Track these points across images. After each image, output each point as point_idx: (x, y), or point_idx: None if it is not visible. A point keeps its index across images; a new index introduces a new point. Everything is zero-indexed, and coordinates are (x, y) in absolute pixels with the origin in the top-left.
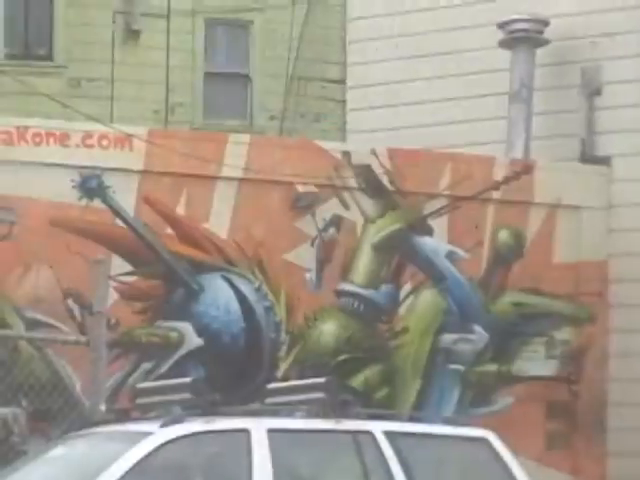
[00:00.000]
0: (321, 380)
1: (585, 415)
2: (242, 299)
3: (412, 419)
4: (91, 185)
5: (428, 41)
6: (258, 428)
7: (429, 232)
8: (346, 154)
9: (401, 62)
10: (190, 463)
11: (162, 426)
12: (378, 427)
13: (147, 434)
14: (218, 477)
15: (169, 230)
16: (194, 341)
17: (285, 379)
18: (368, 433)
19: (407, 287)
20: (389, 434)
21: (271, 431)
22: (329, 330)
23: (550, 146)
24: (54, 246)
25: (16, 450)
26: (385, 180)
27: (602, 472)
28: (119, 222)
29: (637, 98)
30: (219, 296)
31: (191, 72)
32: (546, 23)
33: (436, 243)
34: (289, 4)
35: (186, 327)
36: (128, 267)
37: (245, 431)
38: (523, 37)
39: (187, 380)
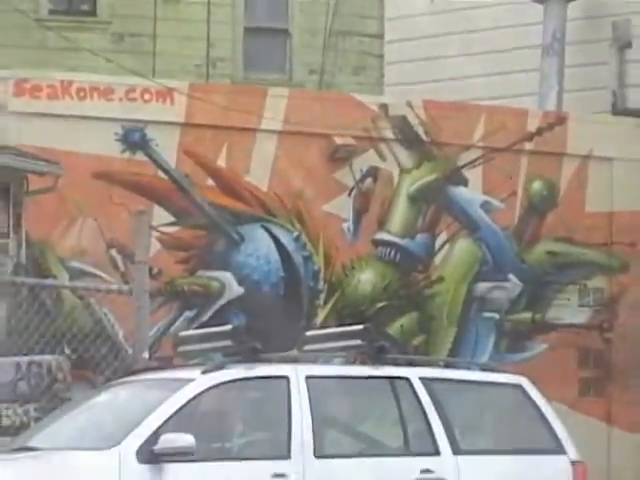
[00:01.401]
0: (359, 327)
1: (618, 362)
2: (281, 249)
3: (448, 365)
4: (134, 138)
5: None
6: (297, 375)
7: (464, 182)
8: (383, 106)
9: (437, 17)
10: (231, 409)
11: (204, 373)
12: (415, 373)
13: (189, 381)
14: (258, 423)
15: (210, 182)
16: (235, 290)
17: (323, 327)
18: (405, 379)
19: (442, 237)
20: (425, 380)
21: (309, 377)
22: (366, 279)
23: (582, 98)
24: (98, 198)
25: (60, 397)
26: (421, 131)
27: (636, 418)
28: (161, 174)
29: None
30: (259, 246)
31: (232, 27)
32: None
33: (471, 193)
34: None
35: (227, 276)
36: (170, 218)
37: (284, 378)
38: None
39: (228, 328)
